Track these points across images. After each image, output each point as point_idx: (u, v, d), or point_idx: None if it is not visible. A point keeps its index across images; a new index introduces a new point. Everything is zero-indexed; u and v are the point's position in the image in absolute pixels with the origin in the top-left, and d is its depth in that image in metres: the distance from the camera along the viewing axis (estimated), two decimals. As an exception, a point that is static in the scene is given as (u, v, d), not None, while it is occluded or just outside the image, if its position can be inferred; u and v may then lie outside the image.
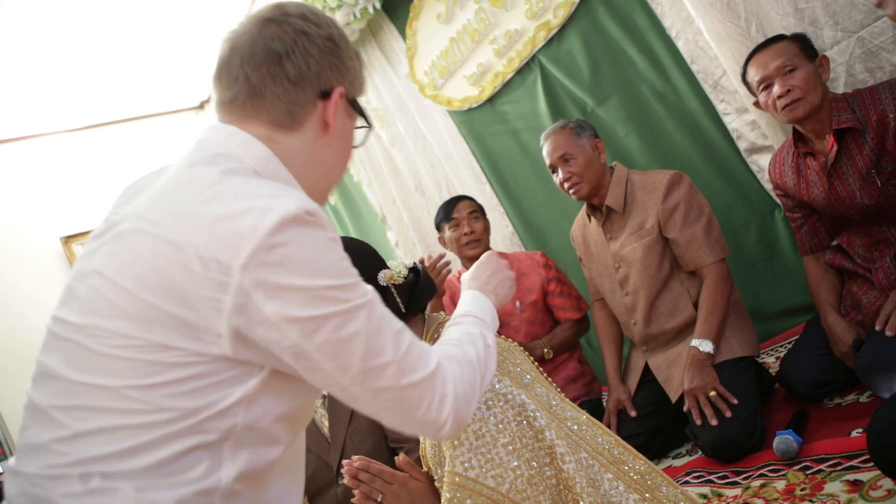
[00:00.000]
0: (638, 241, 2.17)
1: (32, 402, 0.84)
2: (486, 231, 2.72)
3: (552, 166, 2.27)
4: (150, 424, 0.77)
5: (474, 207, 2.73)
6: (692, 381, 1.96)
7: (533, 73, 3.10)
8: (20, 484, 0.79)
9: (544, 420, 1.21)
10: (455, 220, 2.71)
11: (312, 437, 2.31)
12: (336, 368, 0.79)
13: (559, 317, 2.64)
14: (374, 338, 0.82)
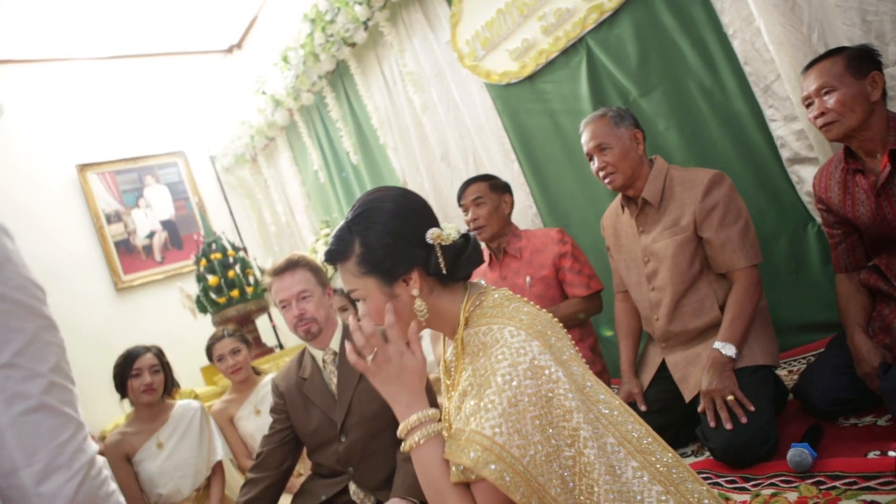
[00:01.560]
0: (671, 237, 2.15)
1: None
2: (492, 213, 2.68)
3: (588, 154, 2.25)
4: None
5: (479, 193, 2.70)
6: (711, 382, 1.95)
7: (579, 55, 3.05)
8: None
9: (575, 402, 1.19)
10: (463, 206, 2.75)
11: (318, 392, 2.31)
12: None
13: (567, 292, 2.63)
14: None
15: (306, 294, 2.25)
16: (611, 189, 2.24)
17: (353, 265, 1.30)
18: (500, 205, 2.72)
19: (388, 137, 4.28)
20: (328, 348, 2.33)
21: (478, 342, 1.28)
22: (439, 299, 1.34)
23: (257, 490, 2.25)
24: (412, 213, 1.34)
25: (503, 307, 1.32)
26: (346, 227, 1.33)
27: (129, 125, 5.59)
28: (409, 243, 1.30)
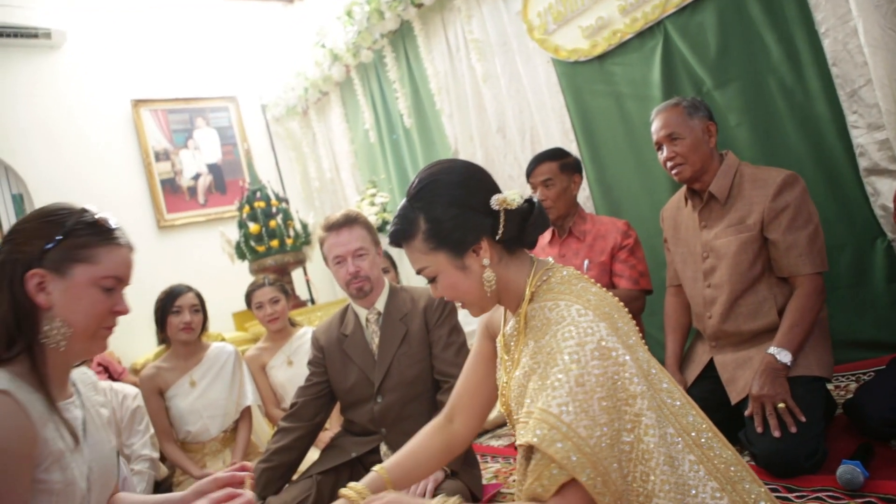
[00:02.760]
0: (735, 234, 2.09)
1: None
2: (560, 195, 2.67)
3: (658, 143, 2.19)
4: None
5: (550, 175, 2.67)
6: (762, 387, 1.91)
7: (655, 39, 2.95)
8: None
9: (640, 387, 1.16)
10: (532, 184, 2.71)
11: (359, 350, 2.30)
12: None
13: (615, 282, 2.62)
14: None
15: (362, 252, 2.23)
16: (677, 180, 2.18)
17: (421, 242, 1.27)
18: (569, 186, 2.69)
19: (445, 104, 4.22)
20: (373, 307, 2.33)
21: (543, 317, 1.25)
22: (507, 269, 1.31)
23: (289, 439, 2.27)
24: (475, 181, 1.31)
25: (571, 285, 1.28)
26: (409, 205, 1.30)
27: (186, 66, 5.61)
28: (474, 212, 1.27)
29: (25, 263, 1.10)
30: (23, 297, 1.08)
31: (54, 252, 1.11)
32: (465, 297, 1.32)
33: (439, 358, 2.24)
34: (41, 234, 1.12)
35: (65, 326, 1.10)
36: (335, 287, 5.68)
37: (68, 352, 1.13)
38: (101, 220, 1.17)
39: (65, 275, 1.11)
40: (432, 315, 2.28)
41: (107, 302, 1.15)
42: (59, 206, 1.17)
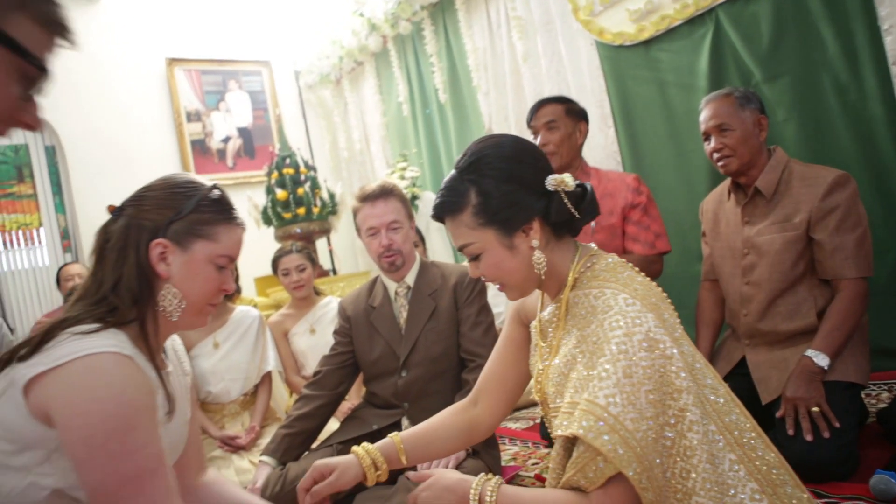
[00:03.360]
0: (780, 232, 2.04)
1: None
2: (564, 140, 2.49)
3: (706, 133, 2.13)
4: None
5: (554, 116, 2.50)
6: (797, 390, 1.87)
7: (705, 26, 2.88)
8: None
9: (686, 382, 1.13)
10: (533, 128, 2.55)
11: (386, 323, 2.29)
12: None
13: (626, 246, 2.47)
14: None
15: (397, 225, 2.21)
16: (722, 172, 2.13)
17: (469, 217, 1.23)
18: (573, 133, 2.52)
19: (482, 81, 4.17)
20: (403, 281, 2.31)
21: (587, 305, 1.22)
22: (553, 253, 1.28)
23: (311, 407, 2.27)
24: (530, 158, 1.26)
25: (617, 272, 1.25)
26: (459, 177, 1.25)
27: (222, 27, 5.58)
28: (528, 190, 1.23)
29: (152, 231, 1.10)
30: (146, 263, 1.09)
31: (179, 224, 1.12)
32: (507, 279, 1.29)
33: (467, 336, 2.22)
34: (169, 204, 1.13)
35: (179, 298, 1.12)
36: (357, 258, 5.68)
37: (178, 323, 1.15)
38: (225, 200, 1.19)
39: (186, 248, 1.12)
40: (462, 293, 2.26)
41: (218, 279, 1.17)
42: (187, 179, 1.17)
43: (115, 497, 0.90)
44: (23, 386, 0.93)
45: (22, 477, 0.94)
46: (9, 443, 0.94)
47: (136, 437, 0.93)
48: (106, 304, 1.05)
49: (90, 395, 0.91)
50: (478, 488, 1.19)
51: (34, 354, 0.95)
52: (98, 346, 0.94)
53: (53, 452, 0.95)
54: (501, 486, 1.18)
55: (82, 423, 0.90)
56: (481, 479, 1.20)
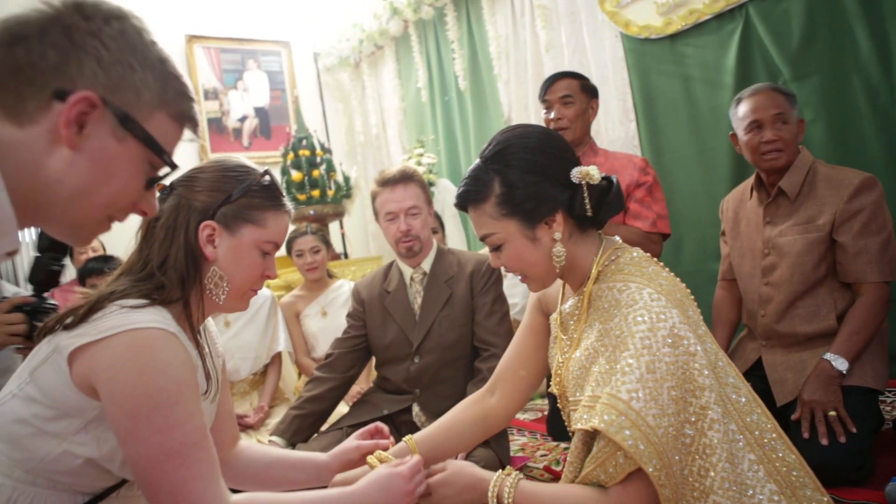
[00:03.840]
0: (802, 233, 2.01)
1: None
2: (578, 116, 2.46)
3: (759, 121, 2.03)
4: None
5: (570, 91, 2.47)
6: (814, 393, 1.85)
7: (734, 22, 2.84)
8: None
9: (709, 380, 1.12)
10: (546, 101, 2.50)
11: (400, 308, 2.28)
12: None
13: (627, 222, 2.43)
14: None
15: (416, 211, 2.20)
16: (765, 167, 2.05)
17: (492, 207, 1.22)
18: (587, 109, 2.50)
19: (503, 69, 4.13)
20: (419, 267, 2.30)
21: (611, 298, 1.21)
22: (576, 246, 1.26)
23: (322, 389, 2.27)
24: (556, 149, 1.25)
25: (642, 267, 1.24)
26: (483, 166, 1.24)
27: (242, 5, 5.54)
28: (553, 182, 1.22)
29: (201, 213, 1.10)
30: (194, 244, 1.10)
31: (229, 208, 1.12)
32: (529, 270, 1.27)
33: (481, 325, 2.21)
34: (220, 187, 1.13)
35: (225, 281, 1.12)
36: (369, 242, 5.68)
37: (220, 306, 1.16)
38: (276, 186, 1.19)
39: (234, 232, 1.12)
40: (478, 281, 2.25)
41: (262, 265, 1.17)
42: (240, 163, 1.18)
43: (160, 470, 0.91)
44: (68, 354, 0.93)
45: (57, 443, 0.95)
46: (48, 408, 0.95)
47: (181, 412, 0.93)
48: (153, 281, 1.05)
49: (136, 369, 0.91)
50: (496, 485, 1.19)
51: (81, 324, 0.96)
52: (145, 321, 0.95)
53: (91, 422, 0.96)
54: (520, 483, 1.18)
55: (128, 396, 0.90)
56: (500, 475, 1.20)
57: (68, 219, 0.76)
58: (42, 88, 0.70)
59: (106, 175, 0.75)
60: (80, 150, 0.72)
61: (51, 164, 0.71)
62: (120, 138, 0.75)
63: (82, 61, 0.71)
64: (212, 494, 0.93)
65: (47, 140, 0.71)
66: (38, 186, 0.71)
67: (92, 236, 0.81)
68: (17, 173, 0.69)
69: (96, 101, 0.71)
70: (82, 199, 0.74)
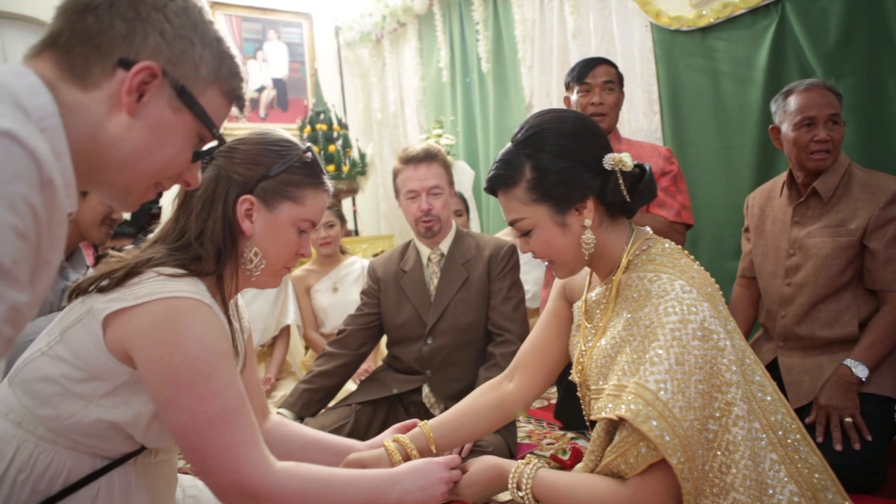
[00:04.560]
0: (832, 236, 1.98)
1: None
2: (616, 105, 2.47)
3: (813, 119, 1.99)
4: None
5: (612, 78, 2.47)
6: (832, 398, 1.83)
7: (770, 18, 2.78)
8: None
9: (736, 376, 1.11)
10: (587, 85, 2.48)
11: (416, 288, 2.27)
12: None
13: (652, 210, 2.42)
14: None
15: (438, 191, 2.17)
16: (813, 166, 2.00)
17: (523, 192, 1.21)
18: (621, 99, 2.52)
19: (527, 54, 4.08)
20: (437, 248, 2.28)
21: (641, 288, 1.19)
22: (606, 234, 1.25)
23: (332, 364, 2.26)
24: (590, 135, 1.23)
25: (674, 258, 1.22)
26: (515, 150, 1.23)
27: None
28: (585, 168, 1.20)
29: (240, 186, 1.09)
30: (232, 217, 1.08)
31: (268, 183, 1.11)
32: (557, 257, 1.26)
33: (497, 310, 2.19)
34: (261, 161, 1.11)
35: (260, 257, 1.11)
36: (380, 221, 5.65)
37: (253, 282, 1.14)
38: (317, 163, 1.17)
39: (272, 208, 1.11)
40: (496, 266, 2.23)
41: (298, 243, 1.16)
42: (282, 138, 1.16)
43: (204, 437, 0.91)
44: (103, 318, 0.93)
45: (83, 405, 0.94)
46: (77, 369, 0.94)
47: (220, 379, 0.93)
48: (190, 251, 1.04)
49: (174, 338, 0.91)
50: (516, 474, 1.19)
51: (117, 288, 0.95)
52: (182, 291, 0.94)
53: (119, 387, 0.95)
54: (538, 471, 1.18)
55: (167, 365, 0.91)
56: (520, 464, 1.20)
57: (119, 182, 0.78)
58: (108, 56, 0.73)
59: (159, 143, 0.77)
60: (137, 117, 0.75)
61: (109, 129, 0.74)
62: (175, 109, 0.78)
63: (147, 33, 0.74)
64: (258, 458, 0.94)
65: (108, 105, 0.73)
66: (94, 149, 0.74)
67: (139, 202, 0.83)
68: (77, 136, 0.71)
69: (157, 72, 0.74)
70: (135, 164, 0.77)
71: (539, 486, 1.16)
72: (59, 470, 0.94)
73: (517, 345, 2.11)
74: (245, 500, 0.94)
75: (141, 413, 0.96)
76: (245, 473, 0.92)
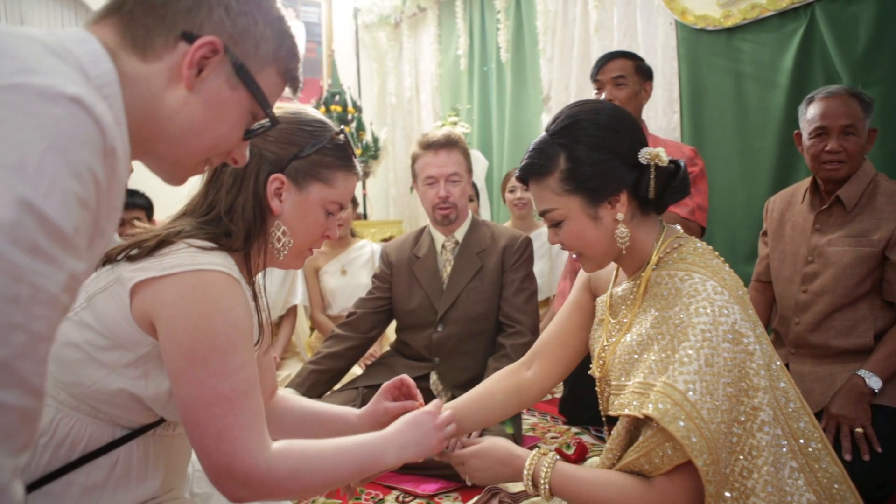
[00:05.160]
0: (853, 246, 1.96)
1: None
2: (630, 99, 2.41)
3: (824, 129, 1.98)
4: None
5: (624, 72, 2.42)
6: (843, 408, 1.82)
7: (798, 21, 2.75)
8: None
9: (764, 381, 1.10)
10: (598, 82, 2.46)
11: (428, 275, 2.26)
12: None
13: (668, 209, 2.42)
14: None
15: (457, 178, 2.16)
16: (822, 177, 2.00)
17: (556, 182, 1.19)
18: (640, 92, 2.46)
19: (548, 45, 4.04)
20: (452, 236, 2.27)
21: (671, 287, 1.18)
22: (637, 229, 1.24)
23: (341, 347, 2.25)
24: (627, 128, 1.22)
25: (706, 259, 1.21)
26: (549, 140, 1.21)
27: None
28: (621, 161, 1.19)
29: (272, 164, 1.08)
30: (262, 195, 1.07)
31: (300, 163, 1.10)
32: (586, 249, 1.25)
33: (509, 301, 2.19)
34: (294, 140, 1.10)
35: (288, 237, 1.10)
36: (389, 206, 5.63)
37: (280, 262, 1.13)
38: (349, 146, 1.16)
39: (302, 188, 1.10)
40: (510, 256, 2.22)
41: (324, 225, 1.15)
42: (316, 118, 1.15)
43: (209, 413, 0.90)
44: (131, 287, 0.92)
45: (106, 373, 0.94)
46: (101, 337, 0.94)
47: (237, 358, 0.92)
48: (220, 226, 1.03)
49: (199, 310, 0.90)
50: (532, 465, 1.18)
51: (147, 258, 0.94)
52: (213, 264, 0.93)
53: (142, 358, 0.94)
54: (556, 464, 1.16)
55: (188, 336, 0.89)
56: (536, 454, 1.19)
57: (171, 156, 0.78)
58: (172, 28, 0.72)
59: (215, 119, 0.77)
60: (195, 91, 0.74)
61: (167, 101, 0.73)
62: (233, 86, 0.77)
63: (212, 8, 0.74)
64: (255, 444, 0.92)
65: (167, 77, 0.73)
66: (150, 121, 0.73)
67: (187, 177, 0.82)
68: (134, 106, 0.70)
69: (219, 48, 0.74)
70: (189, 139, 0.76)
71: (558, 478, 1.15)
72: (79, 436, 0.94)
73: (528, 336, 2.11)
74: (234, 485, 0.92)
75: (161, 386, 0.95)
76: (239, 458, 0.91)
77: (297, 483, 0.97)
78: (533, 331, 2.16)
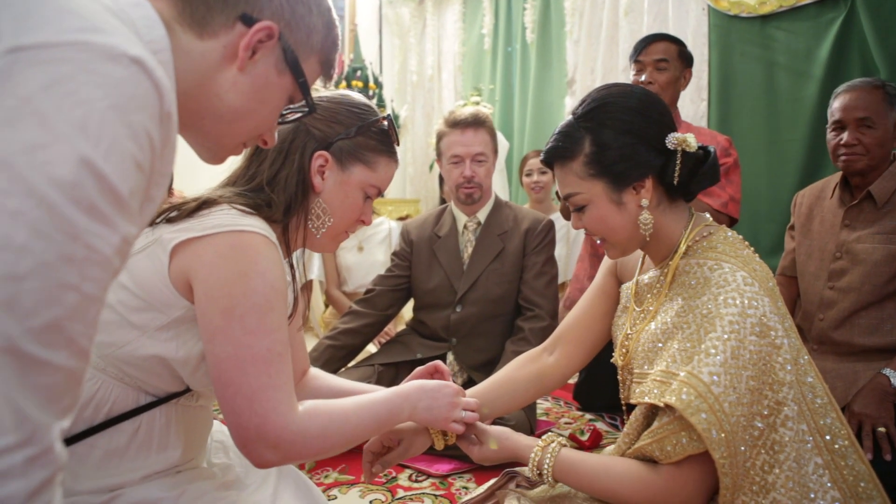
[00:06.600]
0: (883, 243, 1.92)
1: None
2: (670, 84, 2.35)
3: (841, 122, 1.96)
4: None
5: (667, 56, 2.34)
6: (866, 406, 1.79)
7: (837, 11, 2.69)
8: None
9: (790, 376, 1.07)
10: (640, 63, 2.38)
11: (449, 255, 2.24)
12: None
13: (699, 198, 2.35)
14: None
15: (482, 158, 2.13)
16: (841, 168, 1.97)
17: (581, 166, 1.17)
18: (679, 78, 2.40)
19: (575, 27, 3.99)
20: (474, 216, 2.24)
21: (700, 276, 1.16)
22: (663, 216, 1.21)
23: (358, 323, 2.24)
24: (656, 112, 1.19)
25: (737, 248, 1.18)
26: (575, 123, 1.19)
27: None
28: (647, 146, 1.16)
29: (319, 141, 1.09)
30: (307, 171, 1.08)
31: (345, 143, 1.10)
32: (611, 235, 1.22)
33: (529, 284, 2.17)
34: (341, 120, 1.10)
35: (328, 215, 1.11)
36: (406, 185, 5.61)
37: (315, 243, 1.14)
38: (393, 132, 1.17)
39: (345, 169, 1.11)
40: (532, 240, 2.19)
41: (361, 208, 1.15)
42: (363, 101, 1.15)
43: (243, 373, 0.90)
44: (171, 248, 0.92)
45: (137, 335, 0.93)
46: (135, 298, 0.93)
47: (273, 319, 0.92)
48: (262, 195, 1.04)
49: (238, 269, 0.90)
50: (536, 456, 1.18)
51: (187, 219, 0.94)
52: (252, 226, 0.93)
53: (174, 321, 0.94)
54: (560, 452, 1.16)
55: (226, 294, 0.89)
56: (539, 447, 1.18)
57: (215, 133, 0.78)
58: (233, 9, 0.73)
59: (259, 101, 0.78)
60: (245, 73, 0.75)
61: (217, 79, 0.74)
62: (280, 71, 0.78)
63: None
64: (287, 406, 0.92)
65: (220, 55, 0.73)
66: (199, 96, 0.74)
67: (226, 157, 0.83)
68: (183, 79, 0.71)
69: (275, 33, 0.74)
70: (233, 118, 0.77)
71: (561, 465, 1.15)
72: (104, 399, 0.94)
73: (547, 321, 2.10)
74: (263, 447, 0.92)
75: (191, 351, 0.95)
76: (271, 420, 0.91)
77: (325, 442, 0.98)
78: (552, 315, 2.14)
